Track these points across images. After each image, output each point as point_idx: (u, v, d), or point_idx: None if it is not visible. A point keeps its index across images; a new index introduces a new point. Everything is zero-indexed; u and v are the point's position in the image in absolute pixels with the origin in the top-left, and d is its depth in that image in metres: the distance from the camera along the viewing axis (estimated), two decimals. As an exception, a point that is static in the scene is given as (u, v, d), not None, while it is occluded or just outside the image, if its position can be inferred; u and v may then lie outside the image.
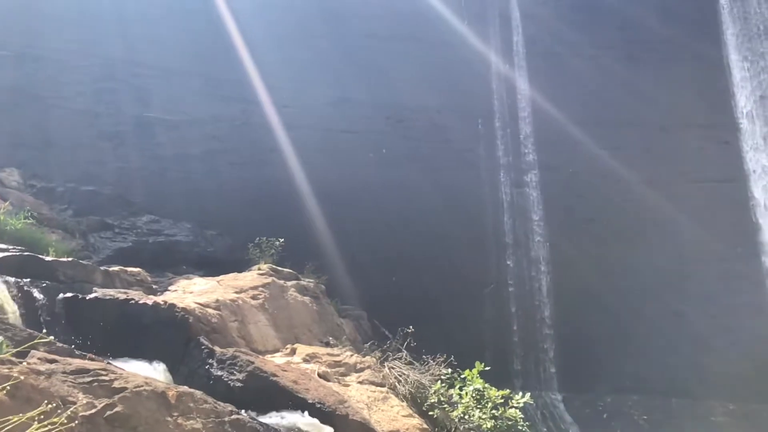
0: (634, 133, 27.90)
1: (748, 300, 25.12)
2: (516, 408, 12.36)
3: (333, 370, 12.71)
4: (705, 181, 27.07)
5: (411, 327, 14.84)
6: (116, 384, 7.08)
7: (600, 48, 29.51)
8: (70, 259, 13.20)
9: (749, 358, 23.95)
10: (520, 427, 12.40)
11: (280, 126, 26.85)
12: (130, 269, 15.59)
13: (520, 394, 12.93)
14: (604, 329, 24.77)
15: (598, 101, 28.33)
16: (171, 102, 26.27)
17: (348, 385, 12.30)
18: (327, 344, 15.44)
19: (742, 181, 27.07)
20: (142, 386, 7.28)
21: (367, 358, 13.94)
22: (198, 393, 8.20)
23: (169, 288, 15.63)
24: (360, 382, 12.65)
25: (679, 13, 29.92)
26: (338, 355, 13.58)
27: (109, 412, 6.55)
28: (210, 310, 12.68)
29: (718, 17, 29.99)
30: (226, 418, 8.07)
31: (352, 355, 13.76)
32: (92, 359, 7.93)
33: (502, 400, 12.55)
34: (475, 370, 12.90)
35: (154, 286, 15.55)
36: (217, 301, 13.42)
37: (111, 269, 14.95)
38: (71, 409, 6.00)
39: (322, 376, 12.09)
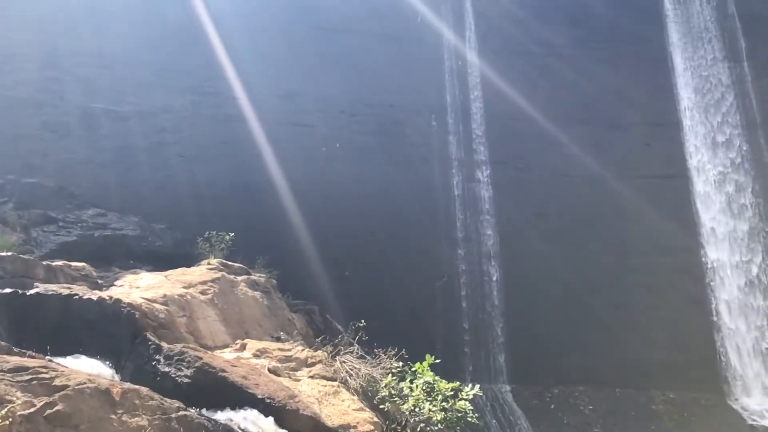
0: (582, 130, 28.50)
1: (690, 293, 26.00)
2: (466, 400, 12.48)
3: (284, 365, 12.63)
4: (650, 177, 27.85)
5: (363, 321, 14.87)
6: (57, 382, 6.90)
7: (550, 46, 30.05)
8: (9, 253, 12.77)
9: (689, 349, 24.86)
10: (470, 419, 12.53)
11: (231, 118, 26.48)
12: (74, 264, 15.18)
13: (470, 386, 13.07)
14: (552, 322, 25.30)
15: (547, 98, 28.83)
16: (118, 93, 25.60)
17: (299, 380, 12.25)
18: (278, 339, 15.33)
19: (685, 177, 27.97)
20: (84, 384, 7.11)
21: (319, 352, 13.90)
22: (144, 390, 8.07)
23: (115, 283, 15.27)
24: (311, 377, 12.61)
25: (626, 14, 30.70)
26: (289, 350, 13.50)
27: (49, 411, 6.37)
28: (157, 306, 12.45)
29: (663, 19, 30.89)
30: (173, 415, 7.96)
31: (303, 350, 13.69)
32: (32, 357, 7.70)
33: (452, 393, 12.66)
34: (425, 363, 12.99)
35: (99, 281, 15.17)
36: (165, 296, 13.18)
37: (54, 264, 14.53)
38: (8, 408, 5.83)
39: (273, 371, 12.01)
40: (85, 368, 9.27)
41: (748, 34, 29.74)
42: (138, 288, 14.21)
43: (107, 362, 10.27)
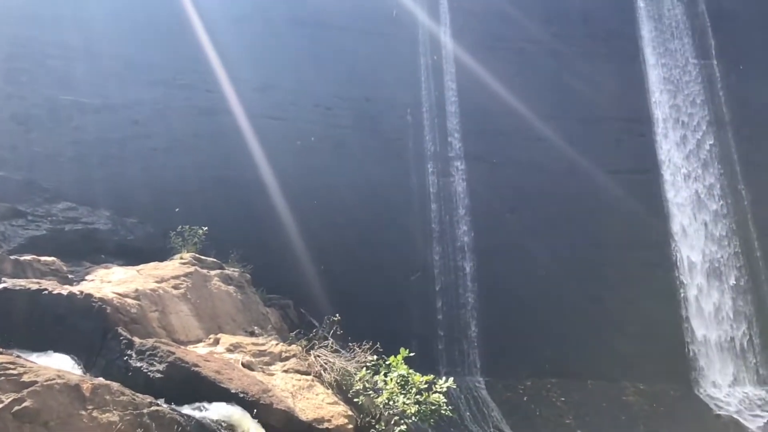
0: (557, 124, 28.74)
1: (660, 286, 26.46)
2: (440, 393, 12.57)
3: (257, 359, 12.60)
4: (622, 172, 28.23)
5: (337, 315, 14.87)
6: (25, 378, 6.82)
7: (525, 41, 30.23)
8: (-24, 248, 12.52)
9: (659, 341, 25.30)
10: (444, 412, 12.63)
11: (204, 111, 26.23)
12: (43, 258, 14.96)
13: (444, 379, 13.17)
14: (526, 315, 25.53)
15: (522, 93, 28.98)
16: (89, 85, 25.14)
17: (273, 374, 12.23)
18: (252, 334, 15.27)
19: (656, 172, 28.41)
20: (53, 379, 7.04)
21: (293, 346, 13.88)
22: (115, 385, 8.01)
23: (86, 278, 15.08)
24: (285, 371, 12.60)
25: (600, 9, 31.05)
26: (263, 345, 13.47)
27: (17, 407, 6.30)
28: (129, 300, 12.33)
29: (636, 15, 31.29)
30: (145, 410, 7.91)
31: (277, 344, 13.67)
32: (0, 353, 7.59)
33: (426, 386, 12.74)
34: (399, 357, 13.04)
35: (69, 276, 14.98)
36: (137, 290, 13.06)
37: (22, 258, 14.32)
38: (-25, 404, 5.75)
39: (246, 365, 11.98)
40: (54, 364, 9.17)
41: (717, 32, 30.29)
42: (110, 283, 14.05)
43: (78, 358, 10.17)
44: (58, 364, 9.30)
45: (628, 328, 25.67)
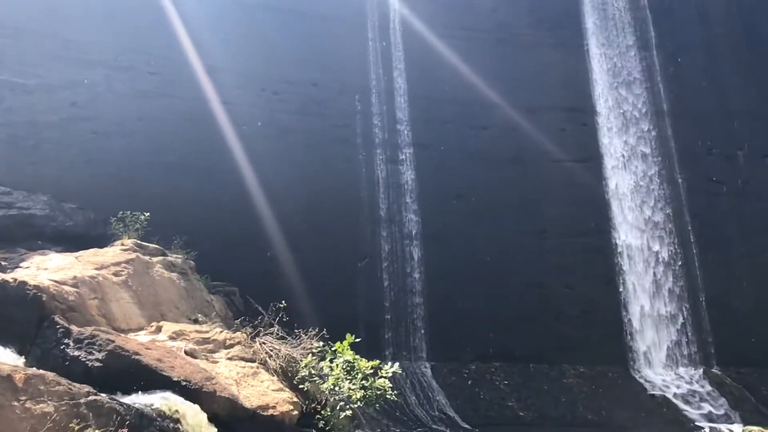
0: (503, 113, 29.05)
1: (600, 272, 27.22)
2: (385, 378, 12.71)
3: (201, 347, 12.46)
4: (565, 161, 28.80)
5: (284, 302, 14.80)
6: (-47, 368, 6.56)
7: (473, 30, 30.39)
8: None
9: (599, 324, 26.10)
10: (389, 396, 12.78)
11: (148, 94, 25.51)
12: (-26, 245, 14.38)
13: (390, 364, 13.31)
14: (471, 300, 25.91)
15: (469, 82, 29.19)
16: (23, 64, 24.06)
17: (217, 362, 12.12)
18: (195, 321, 15.07)
19: (597, 161, 29.12)
20: (-17, 370, 6.79)
21: (238, 334, 13.78)
22: (50, 375, 7.80)
23: (21, 265, 14.57)
24: (229, 359, 12.50)
25: (546, 0, 31.49)
26: (207, 332, 13.32)
27: (-57, 399, 6.06)
28: (67, 288, 11.98)
29: (580, 6, 31.88)
30: (82, 400, 7.74)
31: (221, 332, 13.54)
32: (-75, 343, 7.28)
33: (372, 371, 12.86)
34: (345, 343, 13.11)
35: (3, 263, 14.44)
36: (75, 277, 12.70)
37: (-49, 245, 13.73)
38: None
39: (190, 353, 11.82)
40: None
41: (657, 25, 31.11)
42: (46, 270, 13.61)
43: (11, 347, 9.85)
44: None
45: (569, 312, 26.38)
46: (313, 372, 12.97)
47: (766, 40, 30.05)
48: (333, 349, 13.30)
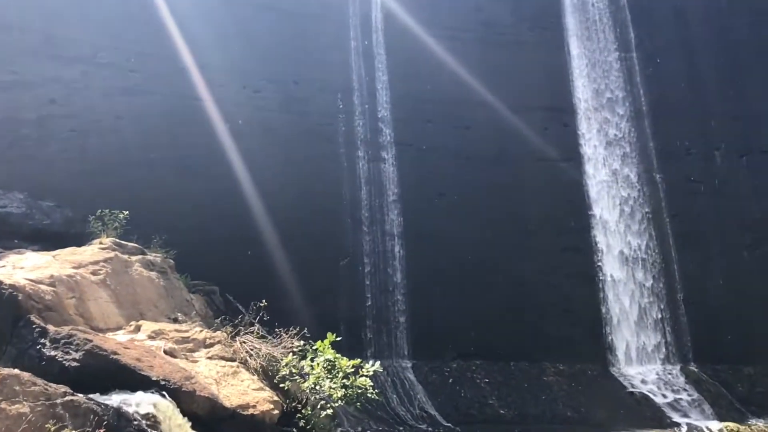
0: (485, 113, 29.14)
1: (581, 270, 27.44)
2: (366, 376, 12.73)
3: (180, 346, 12.38)
4: (547, 160, 28.98)
5: (264, 301, 14.76)
6: (-75, 369, 6.45)
7: (455, 29, 30.45)
8: None
9: (579, 322, 26.32)
10: (370, 395, 12.80)
11: (128, 91, 25.26)
12: (-52, 244, 14.15)
13: (371, 363, 13.34)
14: (452, 299, 25.98)
15: (452, 81, 29.26)
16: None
17: (196, 361, 12.05)
18: (175, 320, 14.97)
19: (578, 160, 29.35)
20: (-43, 370, 6.69)
21: (218, 333, 13.72)
22: (25, 375, 7.72)
23: (-3, 263, 14.35)
24: (209, 358, 12.44)
25: (527, 0, 31.65)
26: (186, 331, 13.24)
27: None
28: (43, 287, 11.83)
29: (561, 6, 32.08)
30: (59, 401, 7.67)
31: (201, 331, 13.47)
32: None
33: (353, 370, 12.87)
34: (326, 341, 13.11)
35: (-22, 262, 14.21)
36: (52, 276, 12.54)
37: (-75, 244, 13.50)
38: None
39: (169, 352, 11.74)
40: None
41: (637, 25, 31.40)
42: (22, 269, 13.42)
43: (-14, 348, 9.71)
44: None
45: (550, 310, 26.56)
46: (293, 371, 12.96)
47: (743, 42, 30.41)
48: (314, 348, 13.30)
